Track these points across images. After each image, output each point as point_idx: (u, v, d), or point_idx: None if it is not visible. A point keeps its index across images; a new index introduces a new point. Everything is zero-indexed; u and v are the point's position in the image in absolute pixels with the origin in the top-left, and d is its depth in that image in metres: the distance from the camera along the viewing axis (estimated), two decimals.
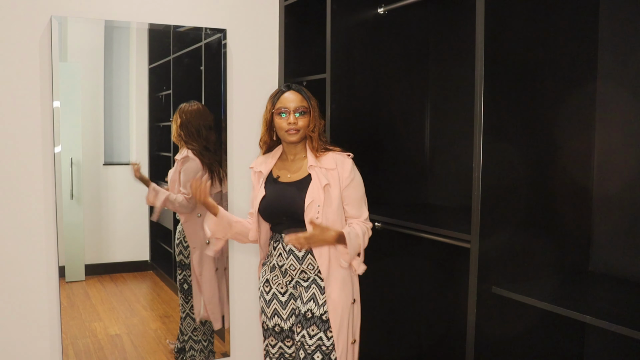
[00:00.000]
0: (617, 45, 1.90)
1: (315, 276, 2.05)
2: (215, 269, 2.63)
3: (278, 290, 2.11)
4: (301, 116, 2.04)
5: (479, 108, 1.76)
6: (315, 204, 1.99)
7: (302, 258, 2.04)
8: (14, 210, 2.30)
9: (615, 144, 1.92)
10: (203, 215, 2.36)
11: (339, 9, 2.40)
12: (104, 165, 2.53)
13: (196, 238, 2.57)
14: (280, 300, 2.10)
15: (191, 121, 2.55)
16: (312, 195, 2.01)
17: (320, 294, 2.03)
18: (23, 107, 2.28)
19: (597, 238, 1.98)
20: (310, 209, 1.99)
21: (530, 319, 1.89)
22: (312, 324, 2.02)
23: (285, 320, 2.10)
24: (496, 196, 1.81)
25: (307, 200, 2.00)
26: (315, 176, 2.03)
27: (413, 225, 2.17)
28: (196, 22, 2.58)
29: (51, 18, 2.28)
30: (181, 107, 2.56)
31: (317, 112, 2.09)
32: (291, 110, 2.03)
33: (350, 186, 2.05)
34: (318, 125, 2.08)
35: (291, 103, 2.04)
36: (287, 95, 2.06)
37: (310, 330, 2.02)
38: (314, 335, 2.01)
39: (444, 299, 2.58)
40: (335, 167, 2.04)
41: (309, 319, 2.03)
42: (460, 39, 2.46)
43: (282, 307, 2.10)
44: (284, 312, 2.10)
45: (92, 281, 2.52)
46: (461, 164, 2.41)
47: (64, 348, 2.40)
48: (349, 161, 2.05)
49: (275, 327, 2.12)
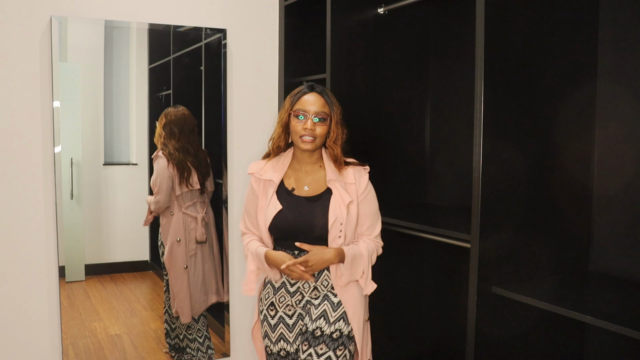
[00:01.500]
0: (617, 45, 1.90)
1: (328, 292, 1.93)
2: (185, 266, 2.62)
3: (285, 313, 1.96)
4: (320, 122, 1.87)
5: (479, 108, 1.76)
6: (338, 222, 1.87)
7: (317, 275, 1.93)
8: (14, 210, 2.30)
9: (615, 144, 1.92)
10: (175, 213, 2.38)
11: (339, 9, 2.40)
12: (104, 165, 2.53)
13: (167, 234, 2.57)
14: (288, 323, 1.96)
15: (174, 122, 2.56)
16: (335, 213, 1.87)
17: (333, 311, 1.90)
18: (23, 107, 2.28)
19: (597, 238, 1.98)
20: (333, 228, 1.87)
21: (530, 319, 1.89)
22: (321, 343, 1.88)
23: (291, 343, 1.97)
24: (496, 196, 1.81)
25: (331, 218, 1.86)
26: (337, 192, 1.89)
27: (413, 225, 2.17)
28: (196, 22, 2.58)
29: (51, 18, 2.28)
30: (167, 110, 2.57)
31: (339, 120, 1.92)
32: (310, 115, 1.86)
33: (366, 200, 1.94)
34: (340, 135, 1.92)
35: (311, 106, 1.87)
36: (308, 97, 1.89)
37: (319, 349, 1.87)
38: (322, 354, 1.87)
39: (444, 299, 2.58)
40: (354, 182, 1.91)
41: (317, 337, 1.89)
42: (460, 39, 2.46)
43: (289, 331, 1.96)
44: (290, 336, 1.96)
45: (92, 281, 2.52)
46: (461, 164, 2.41)
47: (64, 348, 2.40)
48: (366, 175, 1.94)
49: (281, 351, 1.98)
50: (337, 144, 1.91)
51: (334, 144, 1.91)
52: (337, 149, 1.91)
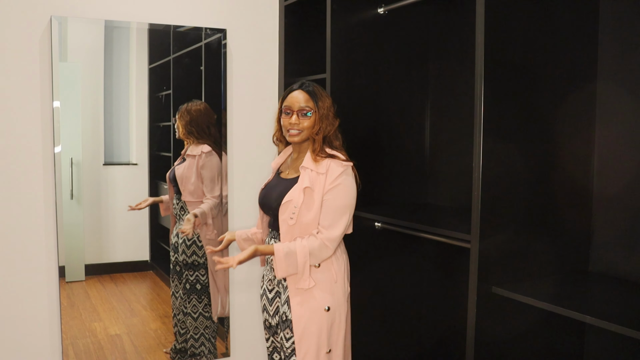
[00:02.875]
0: (617, 45, 1.89)
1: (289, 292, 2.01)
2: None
3: (267, 287, 2.12)
4: (305, 117, 2.00)
5: (479, 108, 1.76)
6: (292, 204, 1.96)
7: None
8: (14, 210, 2.30)
9: (615, 144, 1.92)
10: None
11: (339, 9, 2.40)
12: (104, 165, 2.53)
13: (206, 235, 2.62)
14: (268, 297, 2.11)
15: (200, 118, 2.57)
16: (292, 194, 1.97)
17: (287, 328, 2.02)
18: (23, 107, 2.28)
19: (597, 238, 1.97)
20: (285, 208, 1.97)
21: (530, 319, 1.88)
22: (286, 327, 2.01)
23: (272, 316, 2.10)
24: (496, 196, 1.81)
25: (286, 198, 1.97)
26: (302, 177, 1.98)
27: (413, 225, 2.17)
28: (196, 22, 2.58)
29: (51, 18, 2.28)
30: (186, 105, 2.57)
31: (326, 114, 2.01)
32: (295, 110, 2.01)
33: (332, 192, 1.94)
34: (324, 128, 2.01)
35: (296, 103, 2.01)
36: (294, 94, 2.03)
37: (285, 334, 2.01)
38: (289, 338, 2.00)
39: (444, 299, 2.58)
40: (325, 172, 1.95)
41: (284, 321, 2.02)
42: (460, 39, 2.46)
43: (269, 304, 2.11)
44: (270, 309, 2.10)
45: (92, 281, 2.52)
46: (461, 164, 2.40)
47: (64, 348, 2.40)
48: (341, 168, 1.95)
49: (265, 321, 2.14)
50: (319, 135, 2.01)
51: (315, 136, 2.02)
52: (318, 139, 2.01)
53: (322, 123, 2.02)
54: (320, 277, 1.98)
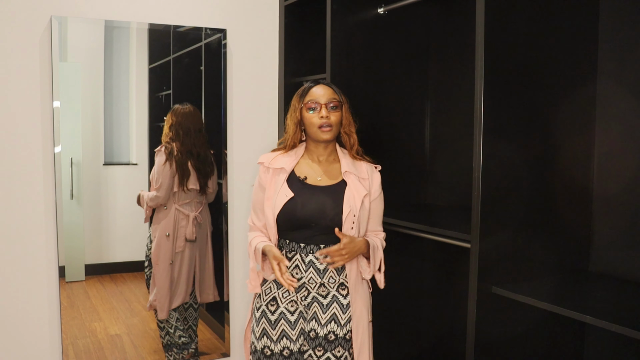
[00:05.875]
0: (617, 45, 1.90)
1: (336, 292, 1.88)
2: (170, 262, 2.61)
3: (287, 309, 1.89)
4: (333, 111, 1.87)
5: (479, 108, 1.76)
6: (352, 214, 1.84)
7: (323, 270, 1.86)
8: (14, 210, 2.30)
9: (615, 144, 1.92)
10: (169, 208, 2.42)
11: (339, 9, 2.40)
12: (104, 165, 2.53)
13: (157, 228, 2.57)
14: (289, 320, 1.89)
15: (182, 123, 2.56)
16: (350, 203, 1.84)
17: (342, 313, 1.88)
18: (23, 107, 2.28)
19: (597, 238, 1.98)
20: (347, 220, 1.83)
21: (530, 319, 1.88)
22: (338, 346, 1.86)
23: (294, 342, 1.89)
24: (496, 196, 1.81)
25: (345, 209, 1.83)
26: (352, 184, 1.87)
27: (413, 225, 2.17)
28: (196, 22, 2.58)
29: (51, 18, 2.28)
30: (174, 108, 2.57)
31: (350, 108, 1.92)
32: (322, 104, 1.85)
33: (378, 199, 1.96)
34: (354, 122, 1.92)
35: (322, 96, 1.86)
36: (316, 89, 1.89)
37: (337, 352, 1.86)
38: (340, 356, 1.87)
39: (444, 299, 2.58)
40: (367, 178, 1.91)
41: (331, 341, 1.86)
42: (460, 39, 2.46)
43: (291, 328, 1.89)
44: (293, 334, 1.89)
45: (92, 281, 2.52)
46: (461, 164, 2.40)
47: (64, 348, 2.40)
48: (379, 174, 1.96)
49: (284, 350, 1.89)
50: (352, 130, 1.91)
51: (349, 130, 1.91)
52: (353, 136, 1.91)
53: (351, 117, 1.91)
54: (366, 289, 1.97)
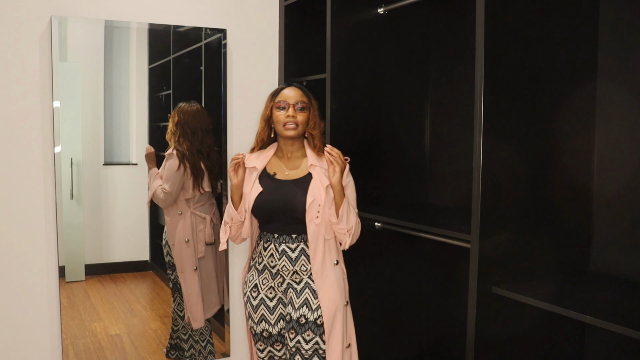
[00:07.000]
0: (617, 45, 1.89)
1: (308, 279, 2.03)
2: (194, 267, 2.60)
3: (266, 296, 2.08)
4: (301, 111, 2.03)
5: (479, 108, 1.76)
6: (316, 203, 1.98)
7: (295, 259, 2.03)
8: (14, 210, 2.30)
9: (615, 144, 1.91)
10: (184, 213, 2.41)
11: (339, 9, 2.40)
12: (104, 165, 2.53)
13: (174, 235, 2.56)
14: (269, 305, 2.08)
15: (188, 121, 2.55)
16: (314, 194, 1.99)
17: (314, 299, 2.01)
18: (23, 107, 2.28)
19: (597, 238, 1.97)
20: (311, 209, 1.98)
21: (530, 319, 1.88)
22: (307, 329, 2.01)
23: (273, 325, 2.08)
24: (496, 196, 1.81)
25: (309, 199, 1.98)
26: (317, 175, 2.01)
27: (413, 225, 2.17)
28: (196, 22, 2.58)
29: (51, 18, 2.28)
30: (180, 106, 2.56)
31: (317, 111, 2.08)
32: (291, 104, 2.02)
33: (349, 186, 2.05)
34: (319, 125, 2.07)
35: (291, 97, 2.04)
36: (286, 90, 2.06)
37: (306, 336, 2.01)
38: (310, 340, 2.01)
39: (444, 299, 2.58)
40: None
41: (302, 324, 2.01)
42: (460, 39, 2.46)
43: (269, 313, 2.08)
44: (271, 317, 2.08)
45: (92, 281, 2.52)
46: (461, 164, 2.41)
47: (64, 348, 2.40)
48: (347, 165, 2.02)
49: (263, 332, 2.10)
50: (315, 130, 2.06)
51: (313, 131, 2.06)
52: (317, 135, 2.06)
53: (316, 119, 2.07)
54: (338, 274, 2.05)
